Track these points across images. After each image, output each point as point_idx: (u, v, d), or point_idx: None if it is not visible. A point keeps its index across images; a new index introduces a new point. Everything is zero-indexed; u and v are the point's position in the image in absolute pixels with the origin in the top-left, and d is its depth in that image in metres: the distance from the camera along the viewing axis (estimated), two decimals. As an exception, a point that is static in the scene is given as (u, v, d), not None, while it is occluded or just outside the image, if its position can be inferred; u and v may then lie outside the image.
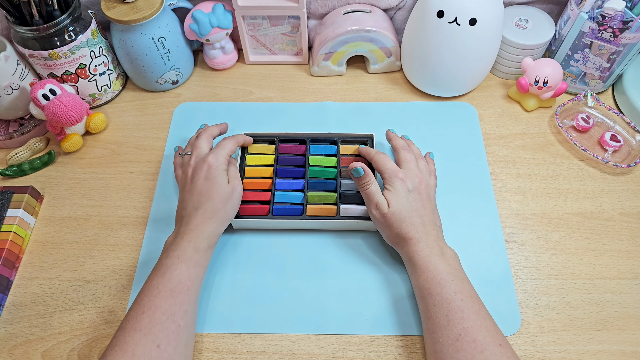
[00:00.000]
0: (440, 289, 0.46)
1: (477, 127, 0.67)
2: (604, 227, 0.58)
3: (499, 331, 0.45)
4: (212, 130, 0.59)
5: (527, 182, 0.62)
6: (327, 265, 0.55)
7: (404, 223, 0.50)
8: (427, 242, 0.49)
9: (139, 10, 0.63)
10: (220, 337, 0.51)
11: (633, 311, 0.52)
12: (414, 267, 0.49)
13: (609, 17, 0.60)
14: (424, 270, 0.48)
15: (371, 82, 0.74)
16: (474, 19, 0.59)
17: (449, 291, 0.46)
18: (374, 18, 0.68)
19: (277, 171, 0.60)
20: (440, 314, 0.45)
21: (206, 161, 0.53)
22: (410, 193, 0.51)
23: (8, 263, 0.55)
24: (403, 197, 0.51)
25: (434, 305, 0.46)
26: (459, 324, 0.44)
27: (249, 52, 0.75)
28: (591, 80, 0.68)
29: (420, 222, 0.50)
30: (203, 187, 0.52)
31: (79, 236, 0.59)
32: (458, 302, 0.45)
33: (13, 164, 0.65)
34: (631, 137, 0.64)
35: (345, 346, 0.50)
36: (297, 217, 0.56)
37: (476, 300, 0.46)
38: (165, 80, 0.71)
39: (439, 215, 0.54)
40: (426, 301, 0.47)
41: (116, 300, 0.54)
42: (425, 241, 0.49)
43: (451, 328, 0.44)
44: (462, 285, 0.47)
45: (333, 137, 0.62)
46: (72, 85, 0.66)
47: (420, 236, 0.50)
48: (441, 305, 0.45)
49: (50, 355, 0.50)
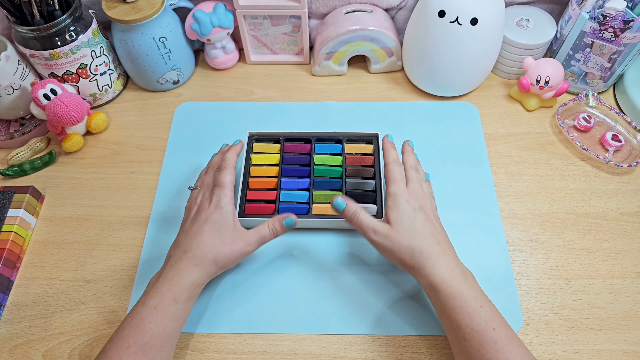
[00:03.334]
0: (470, 319, 0.42)
1: (478, 127, 0.67)
2: (605, 226, 0.58)
3: (533, 357, 0.42)
4: (231, 162, 0.54)
5: (529, 182, 0.62)
6: (329, 265, 0.55)
7: (416, 240, 0.46)
8: (446, 263, 0.45)
9: (140, 10, 0.63)
10: (222, 337, 0.51)
11: (634, 311, 0.52)
12: (436, 293, 0.44)
13: (610, 17, 0.60)
14: (449, 297, 0.43)
15: (372, 82, 0.74)
16: (475, 18, 0.59)
17: (479, 321, 0.42)
18: (375, 18, 0.68)
19: (283, 170, 0.60)
20: (472, 349, 0.41)
21: (212, 202, 0.49)
22: (417, 212, 0.48)
23: (9, 263, 0.54)
24: (409, 215, 0.47)
25: (465, 339, 0.42)
26: (494, 356, 0.40)
27: (250, 52, 0.75)
28: (592, 80, 0.68)
29: (434, 241, 0.46)
30: (200, 229, 0.48)
31: (80, 236, 0.59)
32: (490, 333, 0.41)
33: (14, 164, 0.65)
34: (632, 136, 0.64)
35: (346, 346, 0.50)
36: (303, 216, 0.56)
37: (506, 325, 0.43)
38: (166, 80, 0.71)
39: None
40: (456, 334, 0.43)
41: (117, 300, 0.53)
42: (444, 261, 0.45)
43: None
44: (491, 310, 0.43)
45: (338, 135, 0.62)
46: (73, 85, 0.66)
47: (437, 255, 0.45)
48: (472, 339, 0.41)
49: (51, 356, 0.50)
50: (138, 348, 0.41)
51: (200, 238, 0.47)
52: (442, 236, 0.48)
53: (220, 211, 0.49)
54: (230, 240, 0.48)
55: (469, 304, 0.42)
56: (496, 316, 0.43)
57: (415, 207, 0.48)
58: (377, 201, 0.57)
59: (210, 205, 0.49)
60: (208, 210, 0.49)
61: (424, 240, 0.46)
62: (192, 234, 0.48)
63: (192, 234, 0.48)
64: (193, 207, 0.51)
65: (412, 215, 0.47)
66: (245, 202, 0.57)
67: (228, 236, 0.48)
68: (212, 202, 0.49)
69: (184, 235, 0.48)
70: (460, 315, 0.42)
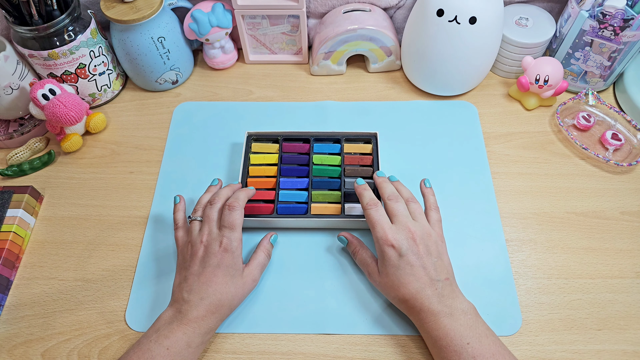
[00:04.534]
0: (458, 357, 0.43)
1: (477, 126, 0.67)
2: (605, 226, 0.58)
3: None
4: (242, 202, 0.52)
5: (528, 181, 0.62)
6: (328, 265, 0.55)
7: (400, 291, 0.47)
8: (430, 308, 0.45)
9: (139, 9, 0.63)
10: (220, 336, 0.51)
11: (634, 310, 0.51)
12: (426, 335, 0.46)
13: (610, 15, 0.59)
14: (435, 339, 0.44)
15: (371, 81, 0.73)
16: (474, 17, 0.59)
17: (467, 357, 0.42)
18: (374, 17, 0.68)
19: (281, 170, 0.60)
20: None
21: (222, 244, 0.48)
22: (402, 258, 0.47)
23: (8, 263, 0.55)
24: (393, 265, 0.47)
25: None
26: None
27: (249, 52, 0.75)
28: (592, 78, 0.68)
29: (419, 286, 0.46)
30: (213, 275, 0.47)
31: (79, 236, 0.59)
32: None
33: (13, 163, 0.65)
34: (632, 135, 0.64)
35: (345, 346, 0.50)
36: (302, 215, 0.56)
37: (500, 356, 0.43)
38: (165, 80, 0.71)
39: (448, 263, 0.49)
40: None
41: (116, 300, 0.53)
42: (427, 307, 0.45)
43: None
44: (480, 345, 0.43)
45: (337, 135, 0.62)
46: (72, 85, 0.66)
47: (421, 302, 0.45)
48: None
49: (50, 355, 0.50)
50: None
51: (215, 286, 0.47)
52: (428, 277, 0.46)
53: (232, 255, 0.48)
54: (242, 283, 0.49)
55: (455, 342, 0.43)
56: (487, 350, 0.43)
57: (401, 250, 0.47)
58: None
59: (220, 248, 0.48)
60: (218, 254, 0.48)
61: (408, 291, 0.46)
62: (205, 280, 0.47)
63: (205, 280, 0.47)
64: (199, 245, 0.49)
65: (396, 263, 0.47)
66: (244, 202, 0.57)
67: (240, 280, 0.49)
68: (222, 244, 0.48)
69: (195, 279, 0.47)
70: (448, 354, 0.43)
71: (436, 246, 0.49)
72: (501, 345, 0.44)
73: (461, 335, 0.43)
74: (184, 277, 0.48)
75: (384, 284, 0.49)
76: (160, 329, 0.45)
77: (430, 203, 0.54)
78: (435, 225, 0.51)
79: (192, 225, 0.52)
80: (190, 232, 0.51)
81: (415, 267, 0.46)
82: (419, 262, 0.47)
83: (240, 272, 0.49)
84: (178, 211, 0.55)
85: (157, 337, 0.44)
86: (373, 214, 0.50)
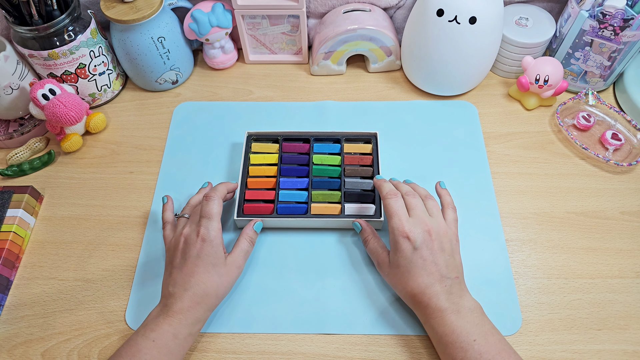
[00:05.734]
0: (464, 353, 0.43)
1: (477, 126, 0.67)
2: (605, 226, 0.58)
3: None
4: (219, 193, 0.52)
5: (528, 181, 0.62)
6: (328, 265, 0.55)
7: (409, 285, 0.47)
8: (437, 304, 0.45)
9: (139, 9, 0.63)
10: (220, 336, 0.51)
11: (634, 310, 0.51)
12: (431, 331, 0.46)
13: (610, 15, 0.59)
14: (441, 335, 0.45)
15: (371, 81, 0.73)
16: (473, 17, 0.59)
17: (473, 354, 0.42)
18: (374, 17, 0.68)
19: (281, 170, 0.60)
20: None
21: (200, 234, 0.48)
22: (416, 251, 0.47)
23: (8, 263, 0.55)
24: (406, 257, 0.47)
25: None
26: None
27: (249, 52, 0.75)
28: (592, 78, 0.68)
29: (429, 281, 0.46)
30: (195, 266, 0.47)
31: (79, 236, 0.59)
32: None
33: (13, 163, 0.65)
34: (632, 135, 0.64)
35: (345, 346, 0.50)
36: (302, 215, 0.56)
37: (505, 354, 0.43)
38: (165, 80, 0.71)
39: (459, 262, 0.49)
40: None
41: (116, 300, 0.53)
42: (435, 303, 0.45)
43: None
44: (487, 342, 0.43)
45: (337, 135, 0.62)
46: (72, 85, 0.66)
47: (429, 297, 0.46)
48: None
49: (50, 355, 0.50)
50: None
51: (197, 276, 0.47)
52: (439, 273, 0.46)
53: (211, 244, 0.48)
54: (225, 271, 0.48)
55: (462, 339, 0.43)
56: (493, 347, 0.43)
57: (416, 242, 0.47)
58: (376, 200, 0.57)
59: (198, 238, 0.48)
60: (197, 244, 0.48)
61: (417, 284, 0.46)
62: (187, 272, 0.47)
63: (187, 271, 0.47)
64: (179, 238, 0.50)
65: (409, 256, 0.47)
66: (244, 202, 0.57)
67: (222, 268, 0.48)
68: (200, 234, 0.48)
69: (178, 272, 0.48)
70: (454, 350, 0.43)
71: (450, 244, 0.49)
72: (506, 343, 0.44)
73: (468, 332, 0.44)
74: (169, 272, 0.49)
75: (393, 275, 0.49)
76: (148, 324, 0.46)
77: (447, 202, 0.54)
78: (452, 224, 0.51)
79: (179, 222, 0.53)
80: (176, 227, 0.53)
81: (427, 261, 0.47)
82: (431, 257, 0.47)
83: (223, 261, 0.49)
84: (166, 211, 0.56)
85: (144, 331, 0.45)
86: (392, 204, 0.49)
